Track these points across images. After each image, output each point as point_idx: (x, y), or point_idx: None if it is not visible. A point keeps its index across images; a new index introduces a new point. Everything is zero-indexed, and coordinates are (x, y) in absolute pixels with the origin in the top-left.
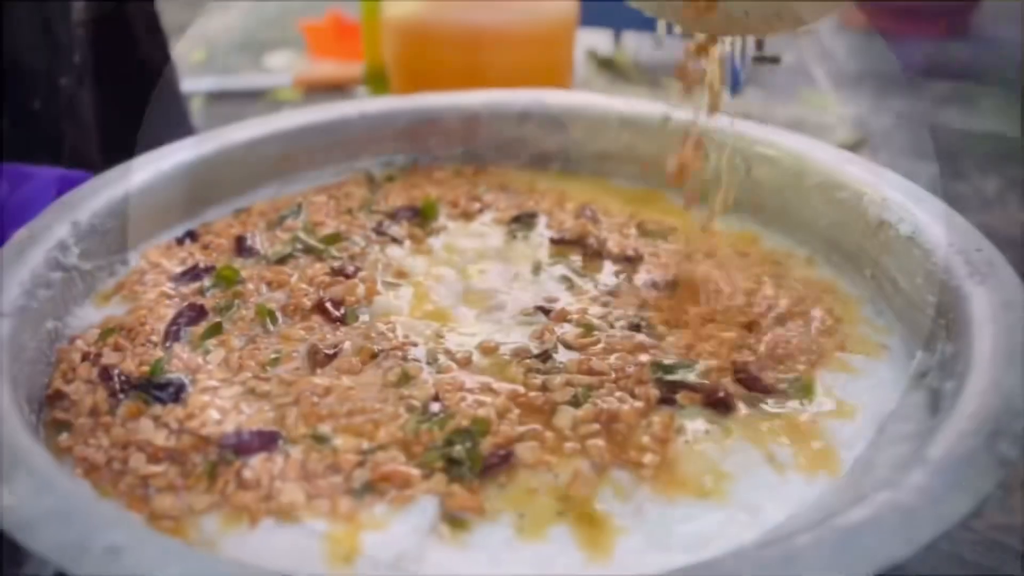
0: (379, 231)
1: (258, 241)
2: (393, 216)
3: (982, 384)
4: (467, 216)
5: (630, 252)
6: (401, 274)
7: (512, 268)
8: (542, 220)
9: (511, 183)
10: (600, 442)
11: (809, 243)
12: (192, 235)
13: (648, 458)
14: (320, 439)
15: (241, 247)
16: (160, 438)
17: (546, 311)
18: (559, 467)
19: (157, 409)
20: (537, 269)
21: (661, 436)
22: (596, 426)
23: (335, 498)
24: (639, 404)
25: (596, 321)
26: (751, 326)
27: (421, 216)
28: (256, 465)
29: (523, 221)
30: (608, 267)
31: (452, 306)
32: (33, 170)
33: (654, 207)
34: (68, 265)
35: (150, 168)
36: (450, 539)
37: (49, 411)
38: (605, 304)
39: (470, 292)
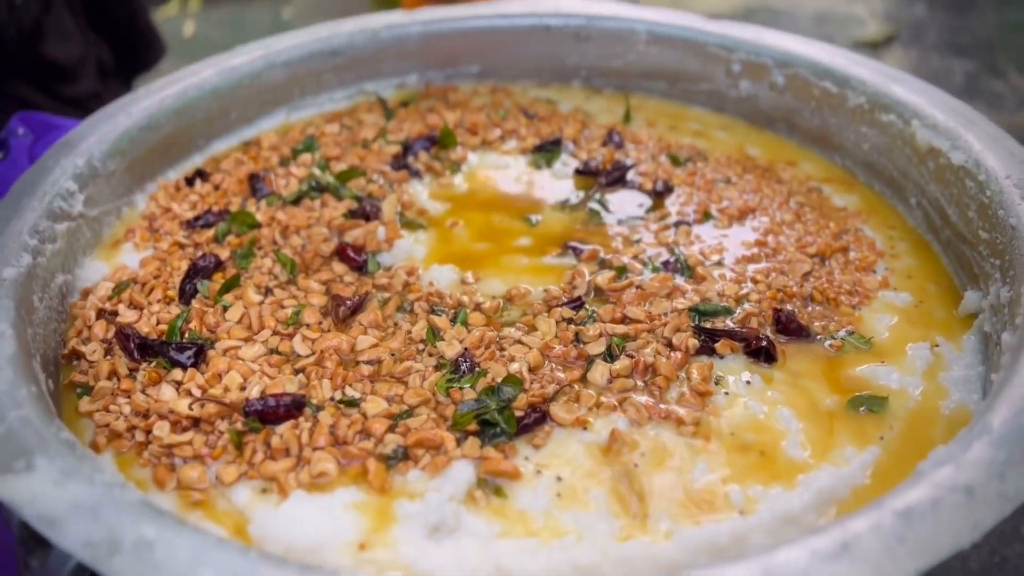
0: (396, 165)
1: (272, 179)
2: (410, 147)
3: None
4: (488, 144)
5: (659, 186)
6: (421, 213)
7: (537, 204)
8: (566, 148)
9: (532, 105)
10: (637, 397)
11: (850, 168)
12: (202, 174)
13: (687, 413)
14: (348, 403)
15: (254, 187)
16: (183, 406)
17: (576, 251)
18: (596, 426)
19: (177, 374)
20: (564, 205)
21: (700, 389)
22: (632, 381)
23: (367, 464)
24: (677, 355)
25: (628, 261)
26: (792, 264)
27: (439, 145)
28: (284, 432)
29: (547, 150)
30: (638, 199)
31: (476, 247)
32: (57, 120)
33: (683, 129)
34: (73, 214)
35: (152, 101)
36: (486, 506)
37: (67, 373)
38: (637, 242)
39: (494, 231)
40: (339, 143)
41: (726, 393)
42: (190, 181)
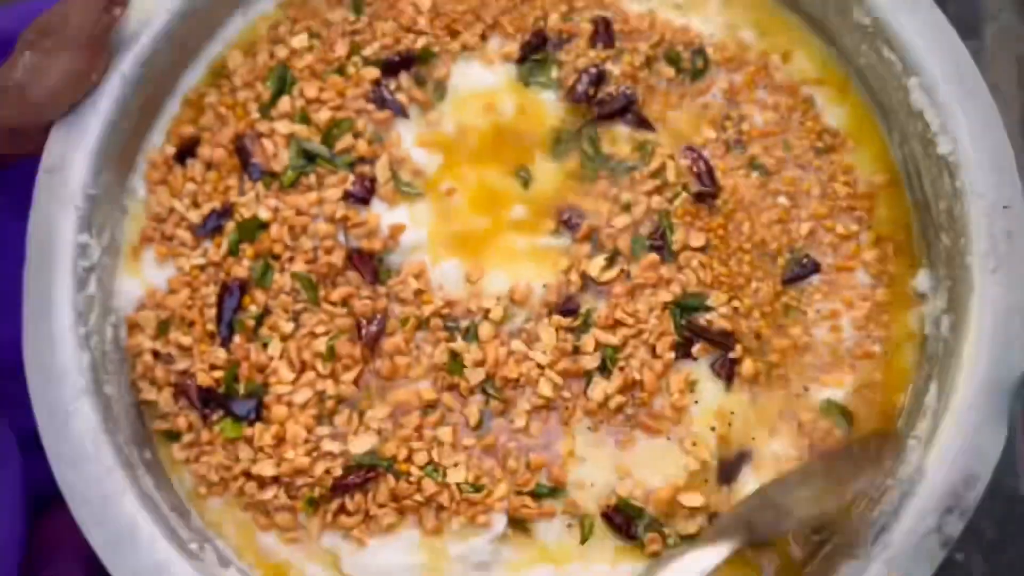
0: (378, 98)
1: (259, 147)
2: (389, 67)
3: (956, 440)
4: (470, 50)
5: (648, 136)
6: (416, 173)
7: (528, 147)
8: (554, 49)
9: None
10: (624, 423)
11: (845, 67)
12: (189, 149)
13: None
14: (401, 471)
15: (246, 163)
16: (267, 470)
17: (571, 226)
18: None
19: (248, 430)
20: (556, 148)
21: (677, 404)
22: (623, 398)
23: (421, 513)
24: (658, 365)
25: (620, 244)
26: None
27: (419, 62)
28: (356, 497)
29: (533, 61)
30: (630, 137)
31: (475, 221)
32: None
33: None
34: (94, 261)
35: (113, 77)
36: (516, 541)
37: (150, 415)
38: (626, 207)
39: (489, 196)
40: (313, 69)
41: (696, 403)
42: (180, 159)
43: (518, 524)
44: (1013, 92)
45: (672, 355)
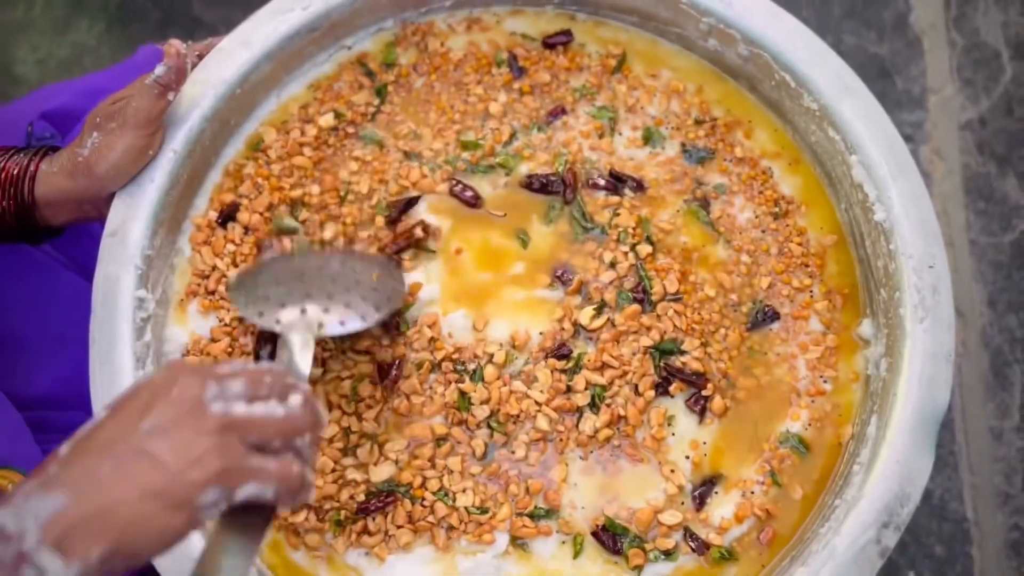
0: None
1: (291, 216)
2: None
3: (891, 465)
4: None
5: (624, 200)
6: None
7: (526, 213)
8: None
9: (513, 48)
10: (611, 452)
11: (798, 143)
12: (230, 215)
13: (648, 456)
14: (416, 496)
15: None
16: None
17: (563, 282)
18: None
19: None
20: (548, 214)
21: (656, 435)
22: (610, 431)
23: (433, 532)
24: (640, 401)
25: (606, 296)
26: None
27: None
28: (377, 519)
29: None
30: (607, 202)
31: (480, 277)
32: None
33: (655, 81)
34: (150, 312)
35: (164, 158)
36: (516, 556)
37: None
38: (611, 265)
39: (493, 255)
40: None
41: (673, 434)
42: (222, 223)
43: (518, 542)
44: (955, 157)
45: (652, 393)
